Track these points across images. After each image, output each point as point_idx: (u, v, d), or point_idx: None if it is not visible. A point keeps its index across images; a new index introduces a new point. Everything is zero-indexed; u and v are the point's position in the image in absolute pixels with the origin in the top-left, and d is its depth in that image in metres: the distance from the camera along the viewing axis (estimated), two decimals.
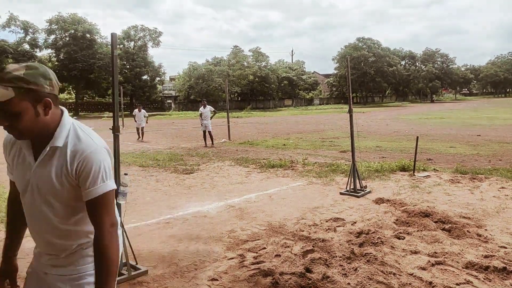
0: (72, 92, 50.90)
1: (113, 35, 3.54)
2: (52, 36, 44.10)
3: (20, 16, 42.17)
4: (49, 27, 43.34)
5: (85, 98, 52.29)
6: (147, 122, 17.53)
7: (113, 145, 3.58)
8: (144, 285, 3.33)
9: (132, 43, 49.43)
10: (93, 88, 48.06)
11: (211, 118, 14.42)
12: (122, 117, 25.26)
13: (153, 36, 49.76)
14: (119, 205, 3.55)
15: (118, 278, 3.36)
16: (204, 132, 14.00)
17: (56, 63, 45.02)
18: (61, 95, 53.78)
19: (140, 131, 16.77)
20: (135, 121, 17.15)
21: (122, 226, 3.55)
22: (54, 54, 45.41)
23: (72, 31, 43.52)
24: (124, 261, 3.50)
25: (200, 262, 3.76)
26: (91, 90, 49.55)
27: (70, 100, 52.14)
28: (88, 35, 44.73)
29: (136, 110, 17.31)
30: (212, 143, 13.82)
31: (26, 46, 42.59)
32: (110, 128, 3.61)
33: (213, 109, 14.62)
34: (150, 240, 4.42)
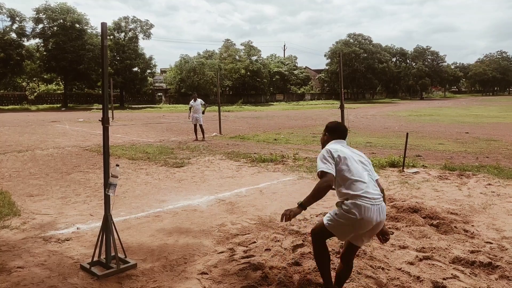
0: (60, 83, 49.98)
1: (103, 25, 3.47)
2: (40, 25, 43.12)
3: (6, 4, 40.99)
4: (36, 16, 42.37)
5: (74, 90, 51.41)
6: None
7: (103, 137, 3.53)
8: (133, 279, 3.30)
9: (122, 35, 48.69)
10: (82, 80, 47.22)
11: (203, 112, 14.32)
12: (112, 109, 24.99)
13: (144, 28, 49.08)
14: (107, 197, 3.51)
15: (106, 272, 3.35)
16: (195, 125, 13.91)
17: (45, 53, 44.09)
18: (49, 86, 52.91)
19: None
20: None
21: (111, 219, 3.52)
22: (42, 44, 44.42)
23: (61, 21, 42.62)
24: (112, 254, 3.47)
25: (190, 256, 3.74)
26: (80, 82, 48.67)
27: (59, 92, 51.26)
28: (77, 25, 43.84)
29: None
30: (203, 137, 13.73)
31: (13, 35, 41.61)
32: (99, 120, 3.56)
33: (203, 102, 14.48)
34: (140, 233, 4.39)
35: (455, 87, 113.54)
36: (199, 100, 14.22)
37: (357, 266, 3.35)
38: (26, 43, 43.42)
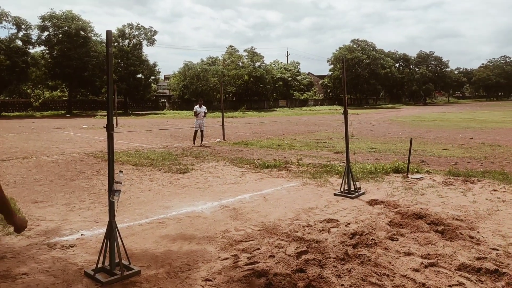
0: (65, 90, 50.44)
1: (108, 33, 3.50)
2: (45, 33, 43.63)
3: (12, 12, 41.53)
4: (41, 24, 42.87)
5: (78, 96, 51.85)
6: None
7: (107, 144, 3.55)
8: (137, 285, 3.30)
9: (127, 41, 49.11)
10: (87, 86, 47.63)
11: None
12: (116, 115, 25.11)
13: (148, 35, 49.47)
14: (112, 203, 3.52)
15: (110, 278, 3.35)
16: (196, 131, 13.96)
17: (50, 60, 44.55)
18: (54, 93, 53.38)
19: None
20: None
21: (115, 225, 3.52)
22: (47, 51, 44.91)
23: (66, 28, 43.11)
24: (117, 260, 3.47)
25: (194, 263, 3.74)
26: (84, 88, 49.12)
27: (63, 98, 51.66)
28: (82, 33, 44.32)
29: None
30: (201, 143, 13.83)
31: (19, 43, 42.10)
32: (104, 127, 3.58)
33: (206, 111, 14.67)
34: (143, 240, 4.39)
35: (459, 92, 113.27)
36: (204, 107, 14.40)
37: (362, 273, 3.33)
38: (32, 51, 43.96)
